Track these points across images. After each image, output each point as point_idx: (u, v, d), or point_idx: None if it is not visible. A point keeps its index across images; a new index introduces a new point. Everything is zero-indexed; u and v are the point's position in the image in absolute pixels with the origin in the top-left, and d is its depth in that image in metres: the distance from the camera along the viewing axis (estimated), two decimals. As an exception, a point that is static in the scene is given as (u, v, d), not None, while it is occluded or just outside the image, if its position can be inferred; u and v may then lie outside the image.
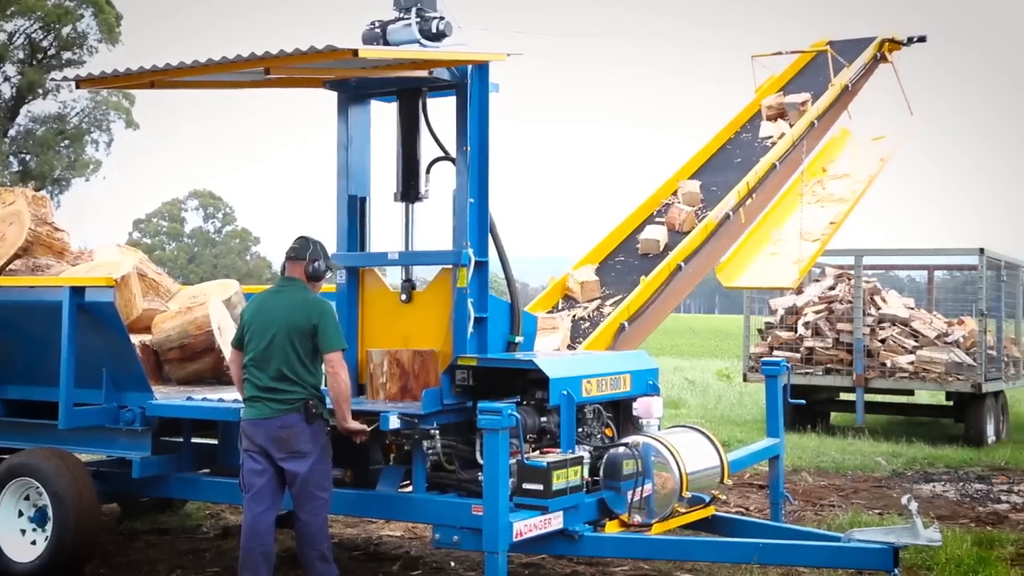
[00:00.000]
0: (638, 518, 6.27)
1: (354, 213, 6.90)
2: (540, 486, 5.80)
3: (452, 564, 7.36)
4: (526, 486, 5.83)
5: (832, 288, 15.59)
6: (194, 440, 7.33)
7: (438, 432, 6.11)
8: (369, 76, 6.56)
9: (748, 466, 8.81)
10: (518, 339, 6.70)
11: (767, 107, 11.04)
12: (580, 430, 6.40)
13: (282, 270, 6.29)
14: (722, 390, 21.64)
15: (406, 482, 6.46)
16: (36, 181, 38.96)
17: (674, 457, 6.33)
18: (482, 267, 6.52)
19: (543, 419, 6.28)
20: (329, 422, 6.06)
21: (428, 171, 6.89)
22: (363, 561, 7.53)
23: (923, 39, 12.19)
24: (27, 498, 6.88)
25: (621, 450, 6.34)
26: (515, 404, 6.00)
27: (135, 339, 7.47)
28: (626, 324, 8.12)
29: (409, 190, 6.87)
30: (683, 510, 6.53)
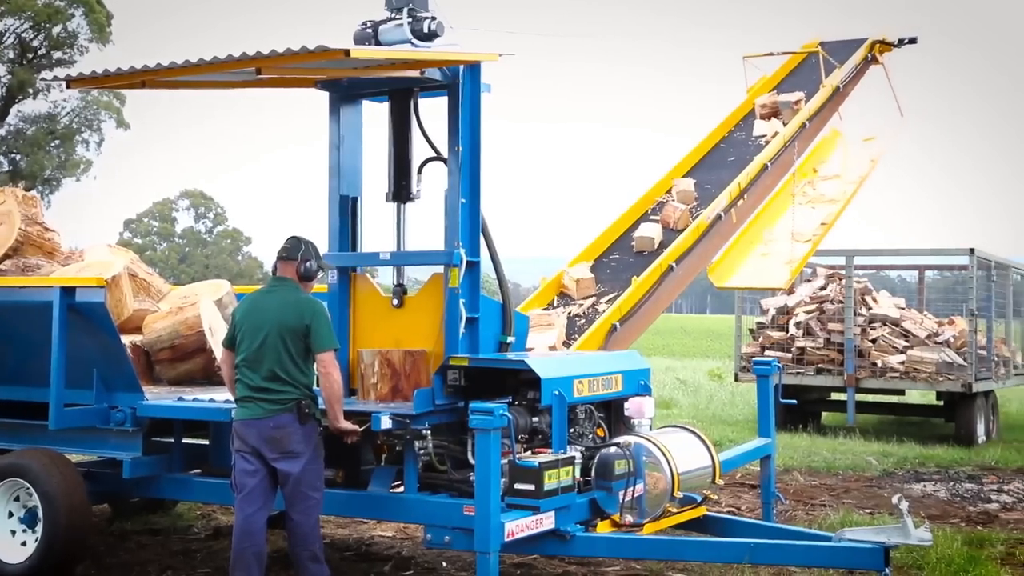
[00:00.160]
0: (630, 518, 6.28)
1: (346, 213, 6.90)
2: (532, 486, 5.81)
3: (444, 564, 7.35)
4: (518, 486, 5.83)
5: (823, 288, 15.63)
6: (185, 440, 7.32)
7: (430, 432, 6.11)
8: (361, 76, 6.55)
9: (739, 466, 8.83)
10: (510, 339, 6.70)
11: (761, 106, 11.07)
12: (572, 430, 6.41)
13: (273, 270, 6.28)
14: (713, 390, 21.67)
15: (398, 482, 6.46)
16: (26, 181, 38.81)
17: (666, 457, 6.33)
18: (474, 267, 6.52)
19: (535, 419, 6.29)
20: (321, 422, 6.05)
21: (420, 171, 6.88)
22: (355, 561, 7.53)
23: (914, 41, 12.25)
24: (17, 499, 6.86)
25: (613, 450, 6.35)
26: (507, 404, 6.01)
27: (126, 339, 7.45)
28: (618, 324, 8.14)
29: (401, 190, 6.87)
30: (675, 510, 6.54)
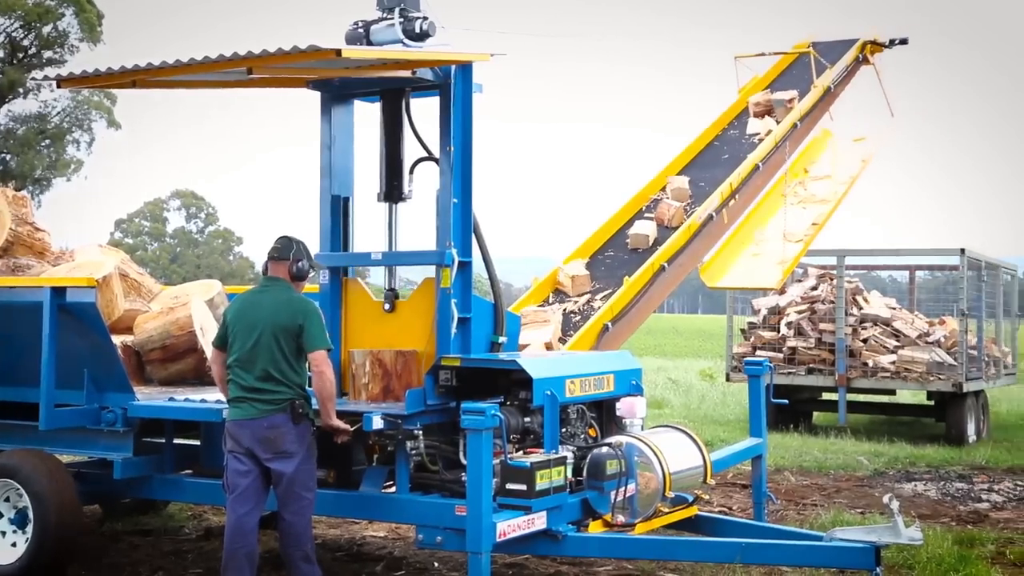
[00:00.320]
0: (621, 518, 6.28)
1: (337, 213, 6.89)
2: (523, 486, 5.80)
3: (436, 564, 7.35)
4: (509, 486, 5.83)
5: (815, 288, 15.66)
6: (176, 441, 7.29)
7: (421, 432, 6.10)
8: (352, 76, 6.54)
9: (731, 466, 8.84)
10: (501, 339, 6.70)
11: (754, 104, 11.09)
12: (563, 430, 6.41)
13: (264, 270, 6.27)
14: (705, 390, 21.69)
15: (389, 483, 6.45)
16: (17, 181, 38.72)
17: (657, 457, 6.34)
18: (465, 267, 6.51)
19: (526, 419, 6.29)
20: (315, 422, 6.05)
21: (411, 171, 6.88)
22: (346, 562, 7.52)
23: (904, 41, 12.28)
24: (7, 500, 6.84)
25: (604, 450, 6.35)
26: (498, 404, 6.01)
27: (117, 340, 7.44)
28: (609, 324, 8.16)
29: (392, 190, 6.86)
30: (666, 510, 6.54)
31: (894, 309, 15.66)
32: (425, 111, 6.78)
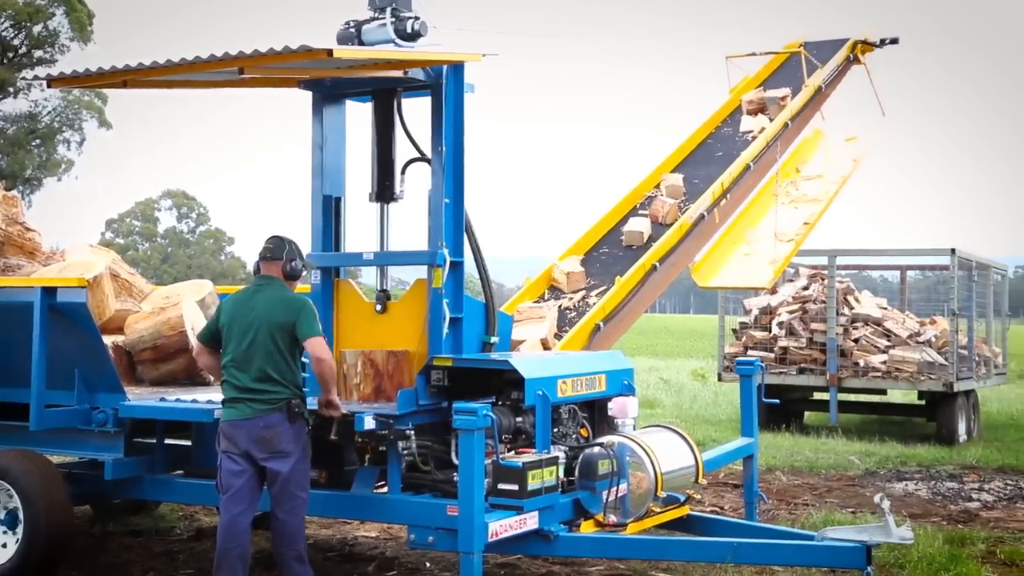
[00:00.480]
0: (613, 518, 6.28)
1: (329, 213, 6.88)
2: (515, 486, 5.80)
3: (427, 565, 7.35)
4: (501, 486, 5.83)
5: (806, 288, 15.69)
6: (167, 441, 7.28)
7: (413, 432, 6.10)
8: (344, 76, 6.54)
9: (723, 465, 8.84)
10: (493, 339, 6.70)
11: (748, 102, 11.11)
12: (555, 430, 6.41)
13: (256, 270, 6.25)
14: (697, 390, 21.72)
15: (381, 483, 6.45)
16: (7, 181, 38.56)
17: (649, 457, 6.35)
18: (457, 267, 6.51)
19: (518, 419, 6.29)
20: (310, 422, 6.04)
21: (403, 171, 6.87)
22: (338, 562, 7.51)
23: (895, 41, 12.32)
24: (-3, 500, 6.82)
25: (596, 450, 6.35)
26: (490, 404, 6.00)
27: (108, 340, 7.42)
28: (601, 324, 8.17)
29: (384, 190, 6.86)
30: (658, 510, 6.55)
31: (885, 309, 15.70)
32: (417, 111, 6.79)
